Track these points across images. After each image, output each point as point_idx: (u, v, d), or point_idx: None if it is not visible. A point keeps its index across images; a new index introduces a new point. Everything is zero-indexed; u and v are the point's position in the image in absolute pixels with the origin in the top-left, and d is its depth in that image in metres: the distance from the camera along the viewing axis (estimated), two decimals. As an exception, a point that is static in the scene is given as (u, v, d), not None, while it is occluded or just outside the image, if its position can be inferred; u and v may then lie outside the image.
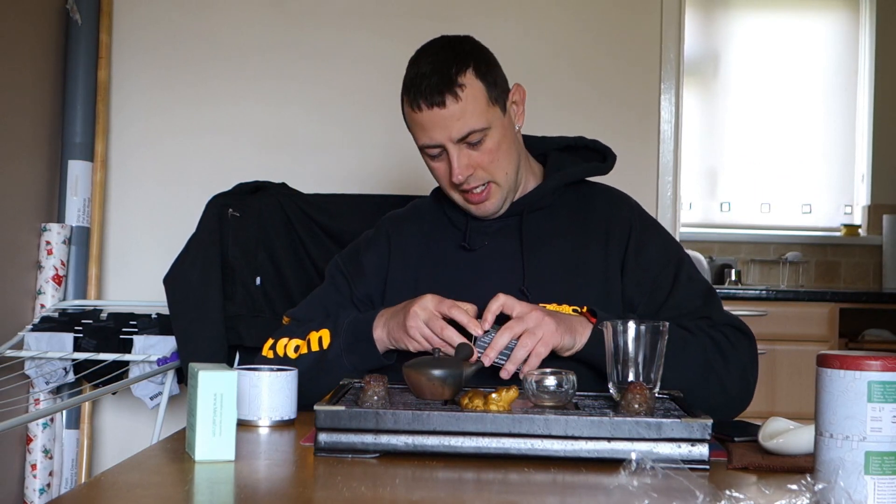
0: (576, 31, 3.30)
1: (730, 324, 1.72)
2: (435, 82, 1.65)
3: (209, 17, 3.27)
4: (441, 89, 1.65)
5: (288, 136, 3.26)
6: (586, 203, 1.83)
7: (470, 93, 1.66)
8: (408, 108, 1.70)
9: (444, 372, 1.41)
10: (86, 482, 1.45)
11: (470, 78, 1.67)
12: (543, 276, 1.74)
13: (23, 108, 2.96)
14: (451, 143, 1.68)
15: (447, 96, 1.65)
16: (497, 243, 1.78)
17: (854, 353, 1.03)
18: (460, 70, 1.66)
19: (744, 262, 4.44)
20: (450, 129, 1.66)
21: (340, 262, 1.88)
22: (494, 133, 1.70)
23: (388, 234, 1.87)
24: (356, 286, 1.83)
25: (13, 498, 2.99)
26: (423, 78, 1.66)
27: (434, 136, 1.68)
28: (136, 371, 2.70)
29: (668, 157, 3.27)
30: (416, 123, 1.69)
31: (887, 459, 1.01)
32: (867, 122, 4.49)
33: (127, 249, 3.25)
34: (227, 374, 1.25)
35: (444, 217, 1.85)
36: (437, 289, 1.76)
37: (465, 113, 1.66)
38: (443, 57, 1.68)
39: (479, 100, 1.67)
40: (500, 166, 1.72)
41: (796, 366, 3.64)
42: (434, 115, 1.66)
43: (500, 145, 1.71)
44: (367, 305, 1.82)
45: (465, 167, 1.69)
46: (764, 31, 4.54)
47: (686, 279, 1.76)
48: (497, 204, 1.76)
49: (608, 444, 1.25)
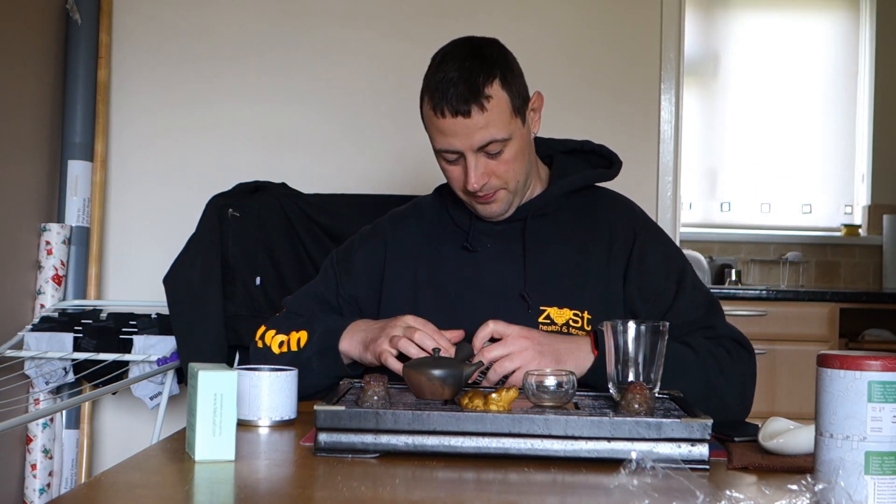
0: (576, 31, 3.30)
1: (732, 337, 1.72)
2: (462, 91, 1.62)
3: (209, 17, 3.28)
4: (468, 99, 1.62)
5: (288, 136, 3.26)
6: (590, 208, 1.83)
7: (495, 104, 1.64)
8: (429, 110, 1.67)
9: (444, 372, 1.41)
10: (86, 482, 1.45)
11: (496, 89, 1.64)
12: (544, 279, 1.74)
13: (23, 108, 2.96)
14: (470, 152, 1.66)
15: (473, 107, 1.63)
16: (499, 246, 1.78)
17: (854, 353, 1.03)
18: (487, 80, 1.64)
19: (744, 262, 4.44)
20: (472, 138, 1.65)
21: (335, 257, 1.89)
22: (514, 144, 1.69)
23: (386, 233, 1.87)
24: (342, 285, 1.84)
25: (13, 498, 2.99)
26: (450, 84, 1.63)
27: (454, 143, 1.66)
28: (136, 371, 2.70)
29: (668, 157, 3.27)
30: (437, 128, 1.67)
31: (887, 459, 1.01)
32: (867, 122, 4.49)
33: (127, 249, 3.25)
34: (227, 374, 1.25)
35: (446, 216, 1.84)
36: (437, 287, 1.76)
37: (489, 124, 1.64)
38: (470, 65, 1.64)
39: (503, 111, 1.65)
40: (513, 174, 1.71)
41: (796, 366, 3.64)
42: (457, 124, 1.64)
43: (517, 156, 1.70)
44: (351, 305, 1.83)
45: (481, 175, 1.68)
46: (764, 32, 4.54)
47: (689, 288, 1.76)
48: (503, 207, 1.75)
49: (608, 444, 1.25)
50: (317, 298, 1.85)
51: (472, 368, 1.46)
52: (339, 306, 1.83)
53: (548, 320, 1.71)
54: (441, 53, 1.70)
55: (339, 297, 1.83)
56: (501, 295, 1.74)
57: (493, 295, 1.74)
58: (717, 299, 1.79)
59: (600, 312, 1.68)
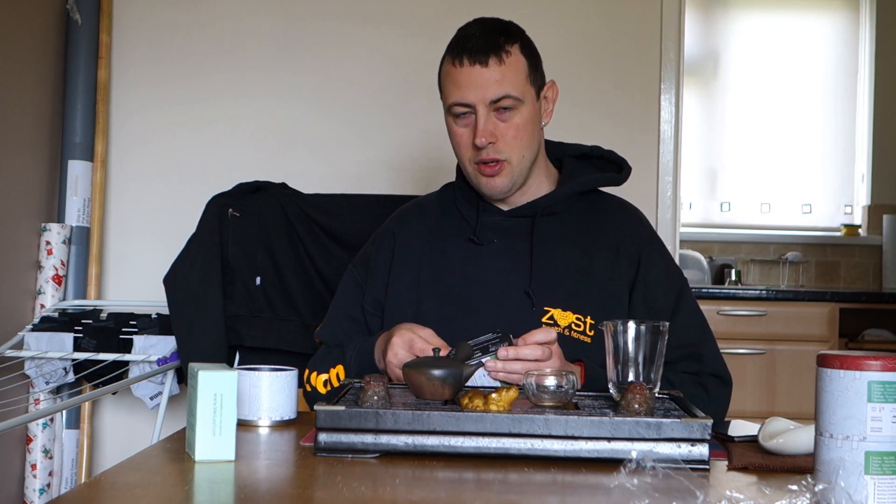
0: (576, 31, 3.30)
1: (714, 373, 1.74)
2: (482, 43, 1.69)
3: (209, 18, 3.27)
4: (487, 50, 1.68)
5: (288, 136, 3.26)
6: (598, 212, 1.83)
7: (514, 61, 1.70)
8: (448, 63, 1.72)
9: (444, 372, 1.41)
10: (86, 482, 1.45)
11: (516, 50, 1.71)
12: (549, 279, 1.74)
13: (23, 108, 2.96)
14: (482, 105, 1.69)
15: (492, 56, 1.68)
16: (506, 242, 1.78)
17: (854, 353, 1.03)
18: (508, 41, 1.71)
19: (744, 262, 4.44)
20: (486, 89, 1.68)
21: (354, 271, 1.88)
22: (525, 110, 1.71)
23: (394, 231, 1.87)
24: (367, 293, 1.84)
25: (13, 498, 2.99)
26: (472, 37, 1.70)
27: (467, 95, 1.69)
28: (136, 371, 2.70)
29: (668, 157, 3.27)
30: (453, 80, 1.71)
31: (887, 459, 1.01)
32: (867, 122, 4.49)
33: (127, 249, 3.25)
34: (227, 374, 1.25)
35: (453, 209, 1.84)
36: (441, 283, 1.76)
37: (504, 77, 1.68)
38: (493, 26, 1.73)
39: (520, 71, 1.71)
40: (519, 146, 1.72)
41: (796, 366, 3.64)
42: (473, 73, 1.68)
43: (525, 125, 1.72)
44: (377, 311, 1.82)
45: (489, 133, 1.70)
46: (764, 31, 4.54)
47: (686, 309, 1.77)
48: (507, 183, 1.75)
49: (608, 444, 1.25)
50: (347, 319, 1.84)
51: (472, 368, 1.46)
52: (364, 321, 1.83)
53: (551, 321, 1.71)
54: (465, 25, 1.77)
55: (366, 307, 1.83)
56: (506, 292, 1.74)
57: (498, 292, 1.74)
58: (708, 323, 1.81)
59: (602, 318, 1.68)
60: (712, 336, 1.79)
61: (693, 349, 1.74)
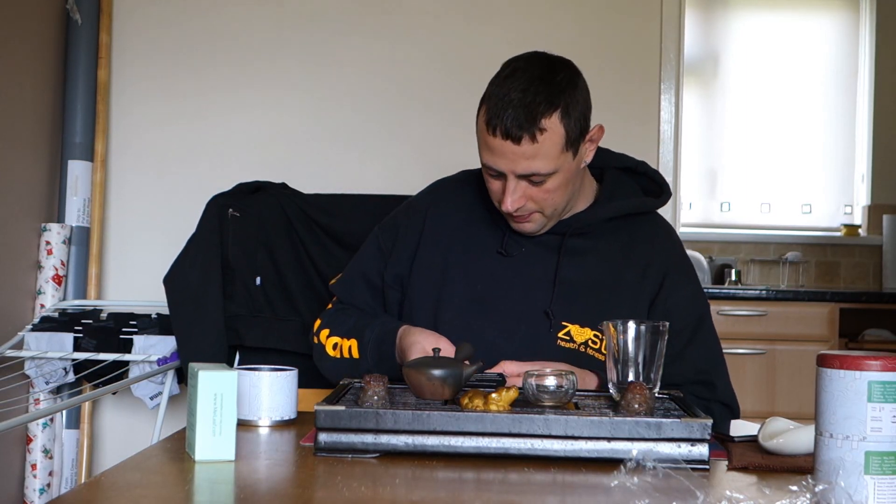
0: (575, 31, 3.30)
1: (724, 402, 1.74)
2: (518, 117, 1.59)
3: (209, 18, 3.27)
4: (521, 125, 1.59)
5: (288, 137, 3.26)
6: (632, 229, 1.80)
7: (549, 137, 1.60)
8: (483, 123, 1.64)
9: (444, 372, 1.41)
10: (86, 482, 1.45)
11: (554, 122, 1.61)
12: (572, 295, 1.72)
13: (23, 108, 2.96)
14: (511, 175, 1.64)
15: (525, 135, 1.59)
16: (533, 254, 1.76)
17: (854, 353, 1.03)
18: (547, 111, 1.60)
19: (744, 262, 4.44)
20: (516, 164, 1.62)
21: (380, 235, 1.86)
22: (558, 177, 1.65)
23: (427, 208, 1.84)
24: (389, 265, 1.82)
25: (13, 498, 2.99)
26: (509, 105, 1.60)
27: (499, 163, 1.63)
28: (136, 371, 2.70)
29: (668, 157, 3.27)
30: (486, 144, 1.64)
31: (887, 459, 1.01)
32: (867, 122, 4.49)
33: (127, 249, 3.25)
34: (227, 374, 1.25)
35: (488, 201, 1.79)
36: (467, 276, 1.75)
37: (536, 155, 1.61)
38: (535, 89, 1.61)
39: (555, 145, 1.62)
40: (551, 203, 1.68)
41: (796, 366, 3.63)
42: (506, 147, 1.61)
43: (559, 187, 1.67)
44: (397, 285, 1.81)
45: (518, 199, 1.65)
46: (764, 31, 4.53)
47: (704, 336, 1.76)
48: (537, 228, 1.73)
49: (608, 444, 1.25)
50: (363, 280, 1.84)
51: (472, 368, 1.46)
52: (382, 288, 1.82)
53: (567, 336, 1.70)
54: (512, 66, 1.66)
55: (386, 278, 1.82)
56: (526, 303, 1.72)
57: (518, 301, 1.72)
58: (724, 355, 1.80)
59: None
60: (726, 369, 1.78)
61: (706, 376, 1.73)
